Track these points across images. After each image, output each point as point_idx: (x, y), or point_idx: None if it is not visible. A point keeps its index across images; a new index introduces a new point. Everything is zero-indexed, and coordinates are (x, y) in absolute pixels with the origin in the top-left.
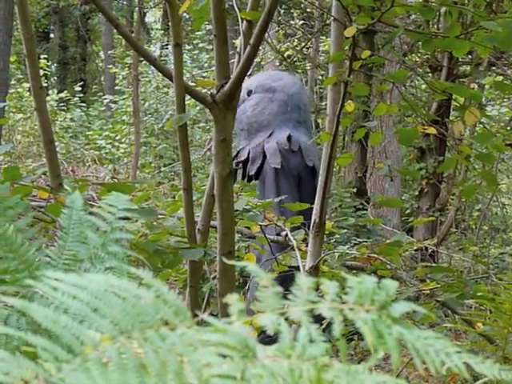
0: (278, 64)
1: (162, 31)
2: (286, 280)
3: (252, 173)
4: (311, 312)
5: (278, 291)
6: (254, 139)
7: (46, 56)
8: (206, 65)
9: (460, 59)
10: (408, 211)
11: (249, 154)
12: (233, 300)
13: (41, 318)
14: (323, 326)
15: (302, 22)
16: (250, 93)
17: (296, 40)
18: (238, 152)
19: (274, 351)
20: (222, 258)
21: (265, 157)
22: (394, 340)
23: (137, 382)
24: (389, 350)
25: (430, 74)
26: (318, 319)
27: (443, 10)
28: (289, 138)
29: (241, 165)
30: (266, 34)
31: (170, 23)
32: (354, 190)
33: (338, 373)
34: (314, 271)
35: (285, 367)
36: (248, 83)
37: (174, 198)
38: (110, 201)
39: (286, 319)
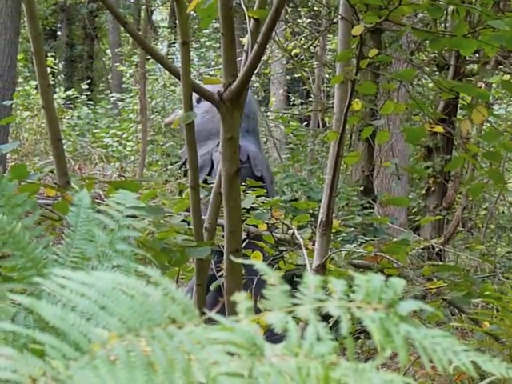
0: (285, 62)
1: (169, 29)
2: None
3: (200, 181)
4: (319, 310)
5: (286, 289)
6: (202, 147)
7: (53, 54)
8: (213, 63)
9: (467, 58)
10: (415, 210)
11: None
12: (240, 298)
13: (49, 315)
14: (330, 325)
15: (310, 20)
16: (199, 100)
17: (303, 38)
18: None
19: (282, 349)
20: (229, 256)
21: (213, 165)
22: (401, 338)
23: (144, 379)
24: (396, 348)
25: (437, 73)
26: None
27: (450, 8)
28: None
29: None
30: (274, 33)
31: (177, 21)
32: (361, 188)
33: (346, 371)
34: (321, 270)
35: (292, 365)
36: None
37: (180, 195)
38: (118, 199)
39: (294, 317)
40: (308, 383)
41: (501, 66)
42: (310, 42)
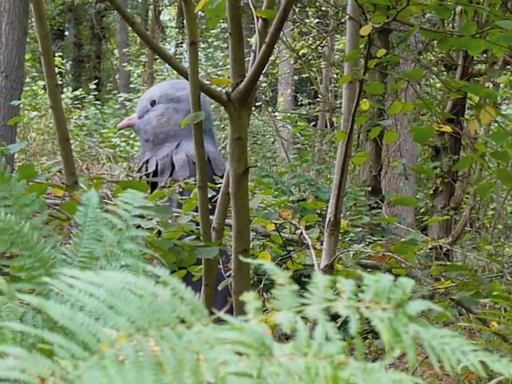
0: (292, 62)
1: (177, 29)
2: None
3: (162, 184)
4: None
5: (295, 289)
6: (159, 150)
7: (60, 54)
8: (220, 63)
9: (475, 58)
10: (423, 210)
11: (157, 165)
12: (249, 298)
13: (58, 315)
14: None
15: (317, 20)
16: (153, 103)
17: (311, 38)
18: (144, 163)
19: (291, 349)
20: (238, 256)
21: (173, 168)
22: (410, 338)
23: (153, 379)
24: (405, 348)
25: (444, 73)
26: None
27: (458, 8)
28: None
29: (151, 176)
30: (281, 33)
31: (185, 21)
32: (369, 188)
33: (355, 371)
34: (329, 270)
35: (301, 365)
36: (151, 93)
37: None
38: (126, 198)
39: (303, 317)
40: (317, 383)
41: (508, 66)
42: (318, 42)
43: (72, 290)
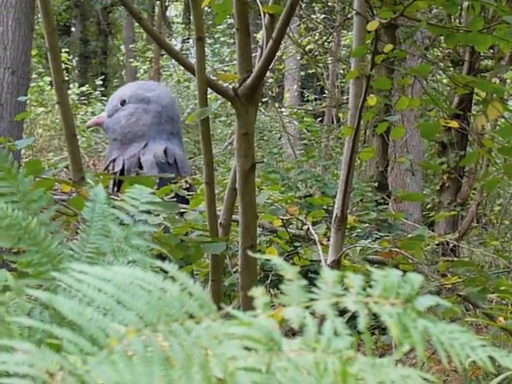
0: (299, 58)
1: (184, 25)
2: None
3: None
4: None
5: (303, 284)
6: (127, 150)
7: (67, 50)
8: (227, 59)
9: (482, 54)
10: (429, 206)
11: (124, 164)
12: (257, 293)
13: (66, 310)
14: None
15: (324, 16)
16: (123, 102)
17: (317, 34)
18: (110, 162)
19: (299, 344)
20: (245, 252)
21: (140, 168)
22: (418, 334)
23: (162, 374)
24: (413, 343)
25: (451, 69)
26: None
27: (465, 4)
28: (165, 151)
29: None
30: (288, 28)
31: (191, 17)
32: (376, 184)
33: (363, 366)
34: (336, 265)
35: (310, 360)
36: (121, 92)
37: (195, 191)
38: (133, 194)
39: (312, 313)
40: (325, 378)
41: None
42: (325, 38)
43: (81, 285)
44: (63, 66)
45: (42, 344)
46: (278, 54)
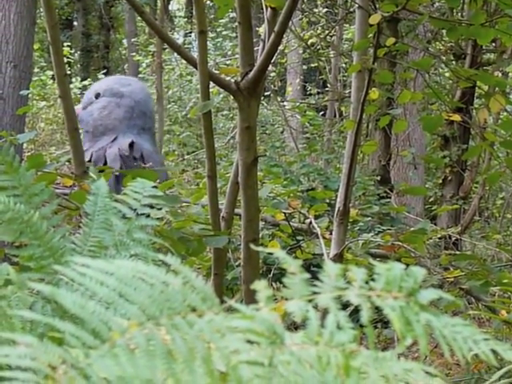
0: (301, 52)
1: (186, 19)
2: None
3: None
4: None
5: (306, 278)
6: (97, 142)
7: (69, 44)
8: (229, 52)
9: (484, 47)
10: (431, 199)
11: (91, 157)
12: (260, 287)
13: (69, 303)
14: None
15: (326, 9)
16: (98, 95)
17: (320, 28)
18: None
19: (302, 338)
20: (247, 245)
21: (106, 162)
22: (421, 327)
23: (164, 368)
24: (416, 337)
25: (453, 62)
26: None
27: None
28: (131, 145)
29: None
30: (290, 22)
31: (193, 11)
32: (378, 177)
33: (366, 360)
34: (338, 259)
35: (312, 354)
36: (97, 86)
37: (197, 185)
38: (135, 188)
39: (314, 306)
40: (328, 372)
41: None
42: (327, 32)
43: (83, 279)
44: (65, 60)
45: (44, 337)
46: (281, 47)
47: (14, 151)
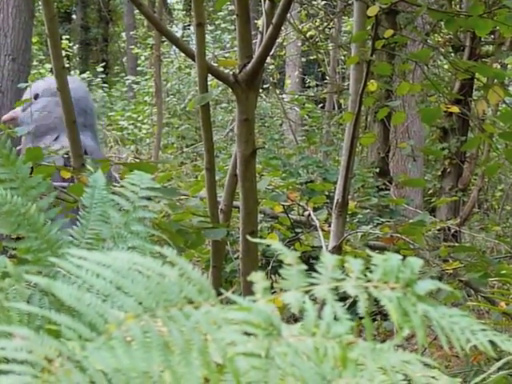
0: (300, 44)
1: (184, 12)
2: None
3: None
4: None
5: (303, 269)
6: (40, 142)
7: (67, 37)
8: (228, 45)
9: (482, 39)
10: (431, 191)
11: None
12: (257, 278)
13: (65, 295)
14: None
15: (324, 1)
16: (36, 96)
17: (318, 20)
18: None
19: (299, 329)
20: (246, 238)
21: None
22: (419, 318)
23: (161, 360)
24: (414, 328)
25: (452, 54)
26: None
27: None
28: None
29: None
30: (288, 14)
31: (192, 3)
32: (377, 170)
33: (363, 351)
34: (337, 251)
35: (309, 345)
36: (35, 87)
37: (196, 178)
38: (133, 180)
39: (313, 299)
40: (325, 363)
41: None
42: (325, 24)
43: (79, 271)
44: (64, 53)
45: (41, 330)
46: (279, 40)
47: (10, 143)
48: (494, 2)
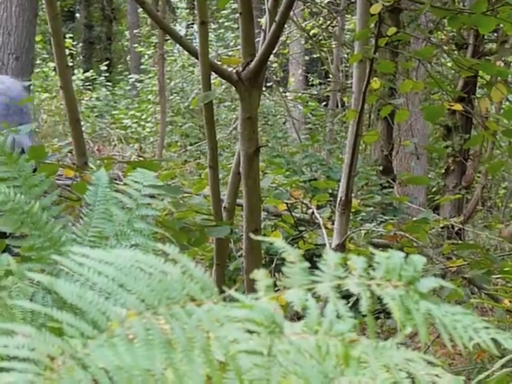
0: (303, 42)
1: (187, 10)
2: None
3: None
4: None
5: (306, 267)
6: None
7: (71, 35)
8: (231, 43)
9: (486, 37)
10: (434, 189)
11: None
12: (260, 276)
13: (66, 293)
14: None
15: (328, 0)
16: None
17: (322, 18)
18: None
19: (301, 327)
20: (249, 236)
21: None
22: (421, 316)
23: (163, 357)
24: (416, 325)
25: (455, 52)
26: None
27: None
28: (12, 142)
29: None
30: (292, 12)
31: (195, 2)
32: (380, 168)
33: (366, 349)
34: (341, 249)
35: (312, 343)
36: None
37: (200, 176)
38: (136, 177)
39: (314, 295)
40: (328, 361)
41: None
42: (329, 22)
43: (82, 269)
44: (67, 51)
45: (44, 328)
46: (283, 38)
47: (13, 142)
48: (497, 0)
